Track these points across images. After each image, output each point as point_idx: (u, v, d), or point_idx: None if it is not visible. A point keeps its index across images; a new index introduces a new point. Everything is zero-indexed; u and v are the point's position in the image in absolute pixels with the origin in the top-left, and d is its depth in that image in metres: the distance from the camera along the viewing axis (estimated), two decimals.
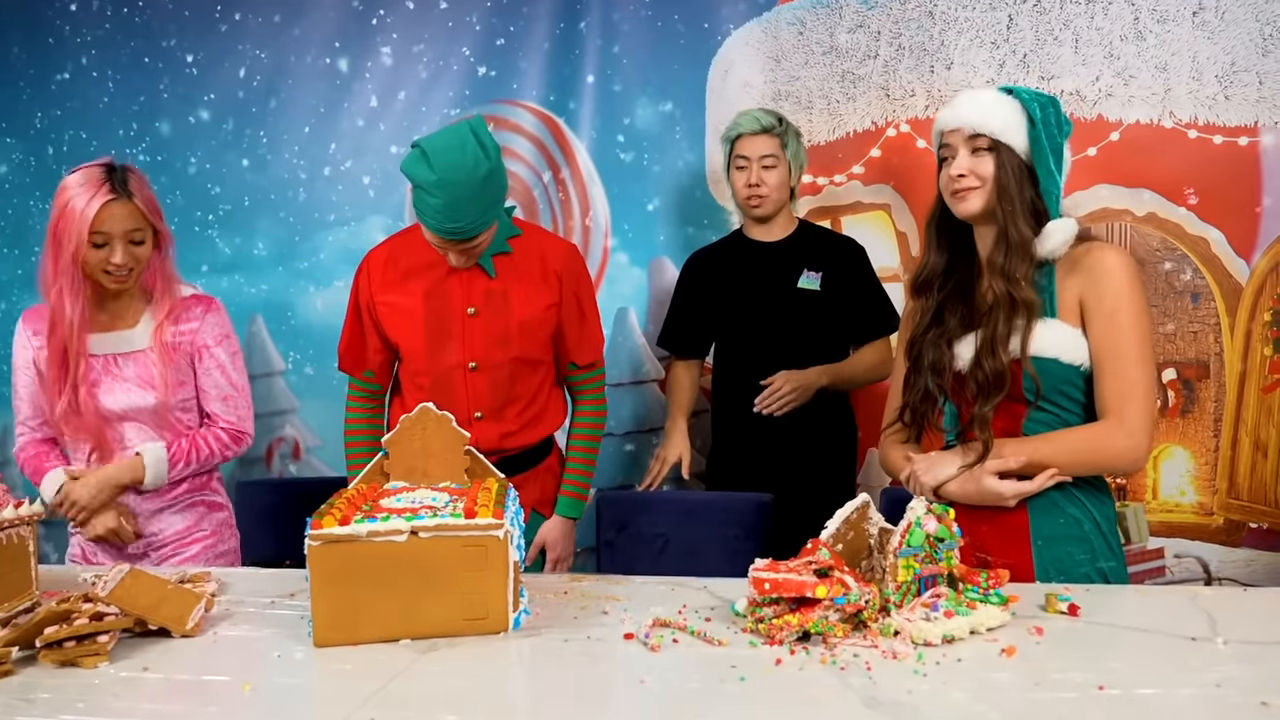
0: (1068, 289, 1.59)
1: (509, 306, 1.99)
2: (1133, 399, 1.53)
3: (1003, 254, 1.59)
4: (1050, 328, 1.58)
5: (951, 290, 1.69)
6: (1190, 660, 1.11)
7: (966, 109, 1.61)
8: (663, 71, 2.87)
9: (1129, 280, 1.55)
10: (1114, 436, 1.53)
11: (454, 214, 1.78)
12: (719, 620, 1.30)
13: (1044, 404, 1.58)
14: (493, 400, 2.02)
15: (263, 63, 3.06)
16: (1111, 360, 1.54)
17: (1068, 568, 1.59)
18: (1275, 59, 2.49)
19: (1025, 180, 1.59)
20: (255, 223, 3.09)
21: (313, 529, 1.24)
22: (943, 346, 1.66)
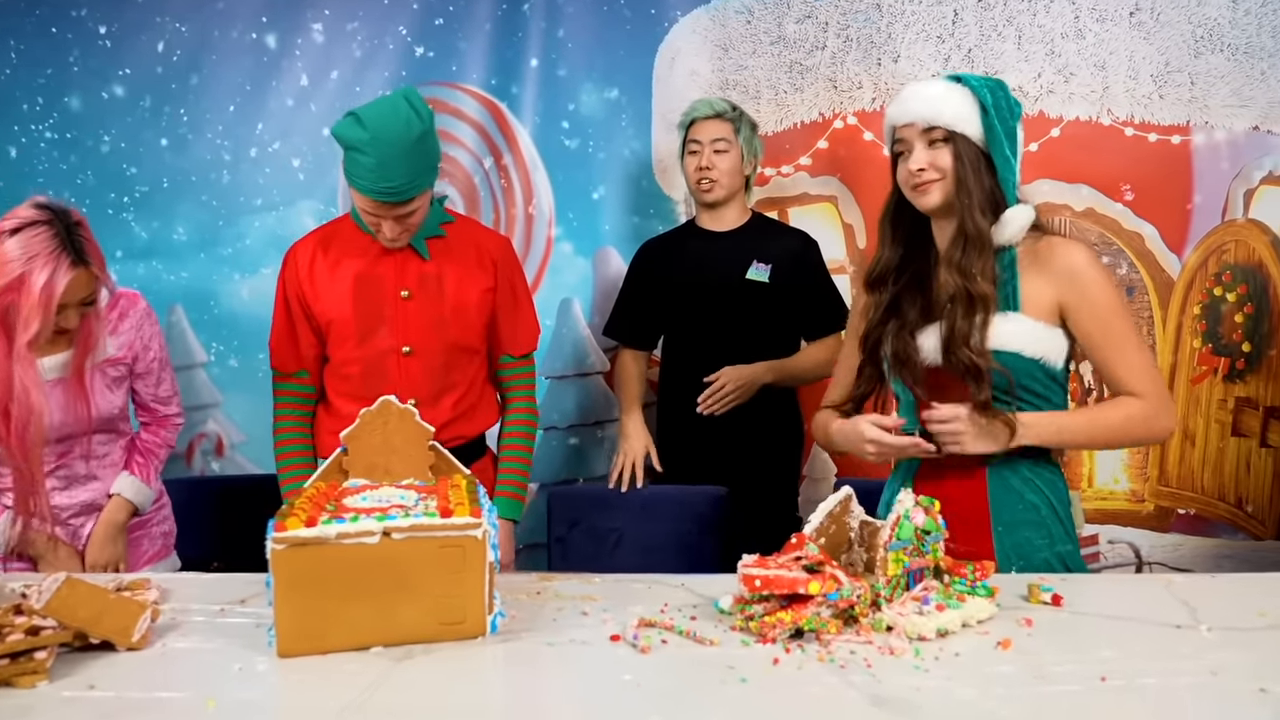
0: (1036, 287, 1.59)
1: (443, 290, 1.95)
2: (1150, 379, 1.59)
3: (960, 248, 1.59)
4: (1011, 321, 1.59)
5: (908, 282, 1.69)
6: (1180, 648, 1.12)
7: (918, 102, 1.60)
8: (608, 57, 2.81)
9: (1102, 272, 1.60)
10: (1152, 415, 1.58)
11: (387, 172, 1.76)
12: (704, 618, 1.26)
13: (1007, 398, 1.58)
14: (428, 387, 1.95)
15: (183, 36, 2.89)
16: (1116, 350, 1.58)
17: (1027, 553, 1.60)
18: (1206, 61, 2.58)
19: (983, 169, 1.59)
20: (175, 206, 2.92)
21: (276, 531, 1.16)
22: (906, 338, 1.65)
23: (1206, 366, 2.65)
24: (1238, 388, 2.64)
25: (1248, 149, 2.58)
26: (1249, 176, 2.59)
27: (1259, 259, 2.61)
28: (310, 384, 2.01)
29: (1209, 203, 2.60)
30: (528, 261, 2.84)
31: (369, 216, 1.85)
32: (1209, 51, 2.56)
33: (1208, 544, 2.68)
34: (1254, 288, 2.61)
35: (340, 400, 1.98)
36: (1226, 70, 2.55)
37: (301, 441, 2.00)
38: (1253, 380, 2.63)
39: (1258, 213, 2.60)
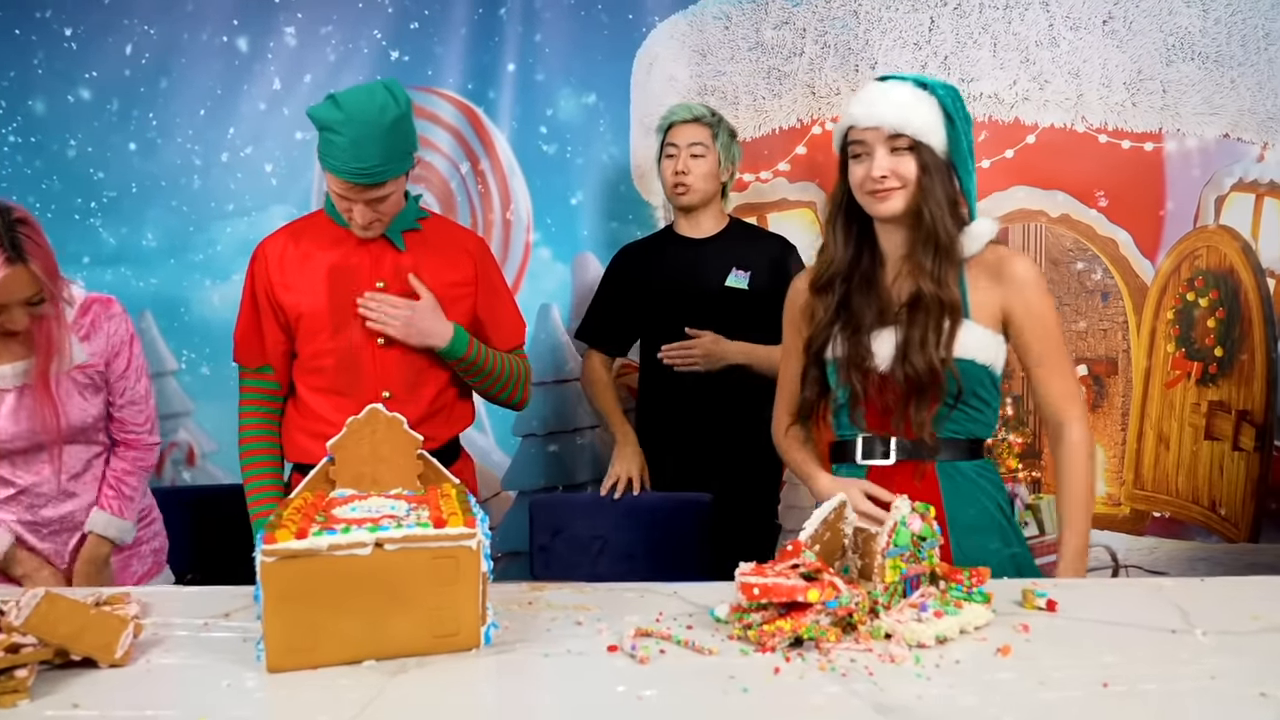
0: (984, 294, 1.62)
1: (420, 281, 1.92)
2: (1077, 399, 1.66)
3: (930, 256, 1.59)
4: (969, 330, 1.61)
5: (858, 284, 1.67)
6: (1178, 653, 1.13)
7: (885, 107, 1.58)
8: (586, 62, 2.80)
9: (1047, 289, 1.67)
10: (1085, 447, 1.64)
11: (360, 153, 1.74)
12: (701, 627, 1.25)
13: (960, 404, 1.61)
14: (403, 380, 1.92)
15: (152, 39, 2.84)
16: (1053, 364, 1.64)
17: (983, 557, 1.60)
18: (1177, 69, 2.62)
19: (946, 180, 1.60)
20: (144, 212, 2.86)
21: (265, 543, 1.13)
22: (861, 341, 1.64)
23: (1180, 371, 2.68)
24: (1210, 391, 2.68)
25: (1218, 156, 2.63)
26: (1220, 183, 2.63)
27: (1230, 264, 2.66)
28: (275, 380, 1.98)
29: (1181, 209, 2.65)
30: (506, 267, 2.82)
31: (341, 201, 1.84)
32: (1180, 60, 2.60)
33: (1182, 547, 2.71)
34: (1225, 293, 2.66)
35: (312, 396, 1.94)
36: (1197, 78, 2.60)
37: (265, 440, 1.97)
38: (1225, 384, 2.68)
39: (1228, 219, 2.65)
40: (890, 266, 1.66)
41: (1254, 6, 2.58)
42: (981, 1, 2.64)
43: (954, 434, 1.64)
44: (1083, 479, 1.63)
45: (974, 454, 1.66)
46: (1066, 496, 1.63)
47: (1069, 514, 1.62)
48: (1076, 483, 1.63)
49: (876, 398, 1.64)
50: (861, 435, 1.67)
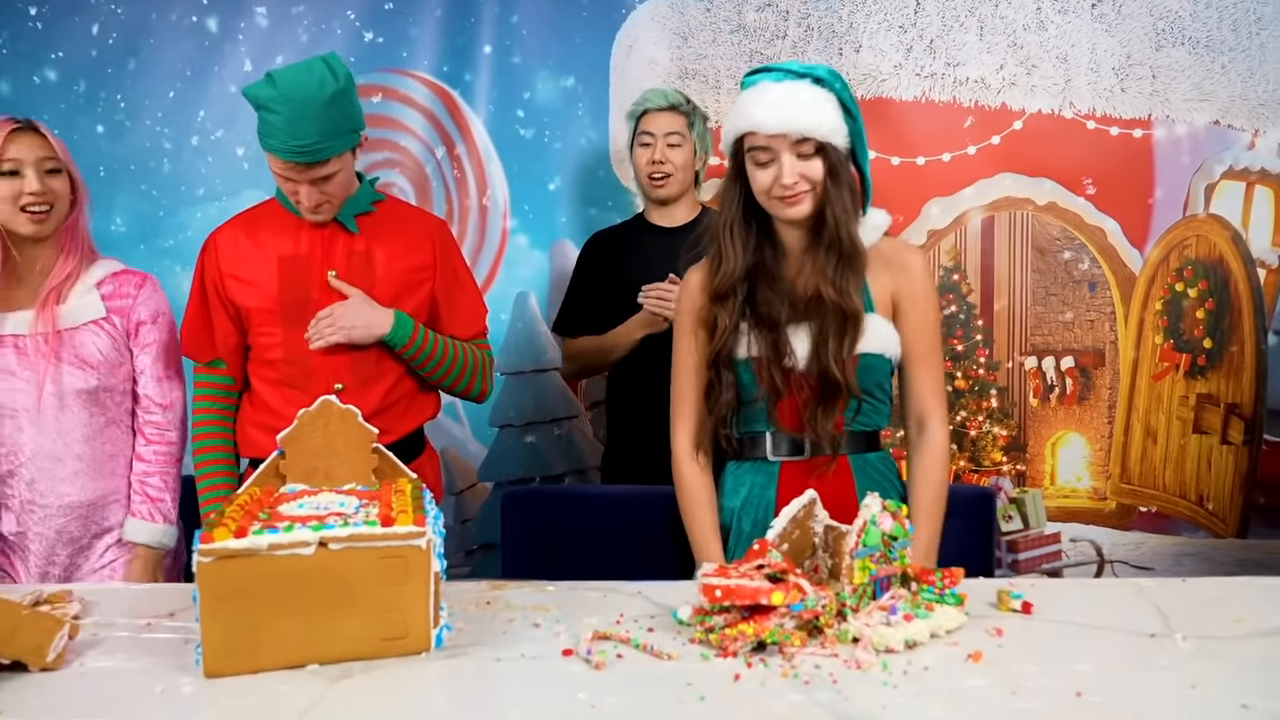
0: (880, 284, 1.61)
1: (373, 267, 1.87)
2: (943, 398, 1.65)
3: (834, 263, 1.56)
4: (873, 323, 1.59)
5: (762, 280, 1.61)
6: (1157, 660, 1.09)
7: (790, 112, 1.50)
8: (564, 45, 2.73)
9: (932, 283, 1.67)
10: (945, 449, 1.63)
11: (298, 130, 1.70)
12: (662, 630, 1.20)
13: (866, 398, 1.60)
14: (356, 371, 1.85)
15: (119, 19, 2.77)
16: (927, 358, 1.63)
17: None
18: (1167, 54, 2.57)
19: (850, 177, 1.57)
20: (113, 196, 2.79)
21: (202, 542, 1.08)
22: (779, 338, 1.58)
23: (1168, 363, 2.64)
24: (1199, 384, 2.64)
25: (1208, 143, 2.58)
26: (1210, 171, 2.59)
27: (1219, 254, 2.61)
28: (228, 374, 1.92)
29: (1170, 197, 2.60)
30: (482, 254, 2.76)
31: (286, 184, 1.78)
32: (1170, 45, 2.55)
33: (1169, 542, 2.67)
34: (1214, 283, 2.61)
35: (265, 388, 1.88)
36: (1188, 64, 2.55)
37: (219, 435, 1.91)
38: (1214, 377, 2.63)
39: (1218, 208, 2.60)
40: (792, 261, 1.63)
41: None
42: None
43: (863, 426, 1.62)
44: (939, 477, 1.61)
45: (875, 446, 1.66)
46: (921, 494, 1.60)
47: (923, 511, 1.57)
48: (933, 480, 1.60)
49: (792, 395, 1.60)
50: (771, 431, 1.63)
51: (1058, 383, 2.66)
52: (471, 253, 2.75)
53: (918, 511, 1.57)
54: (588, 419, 2.81)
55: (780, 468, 1.63)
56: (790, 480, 1.61)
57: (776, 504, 1.60)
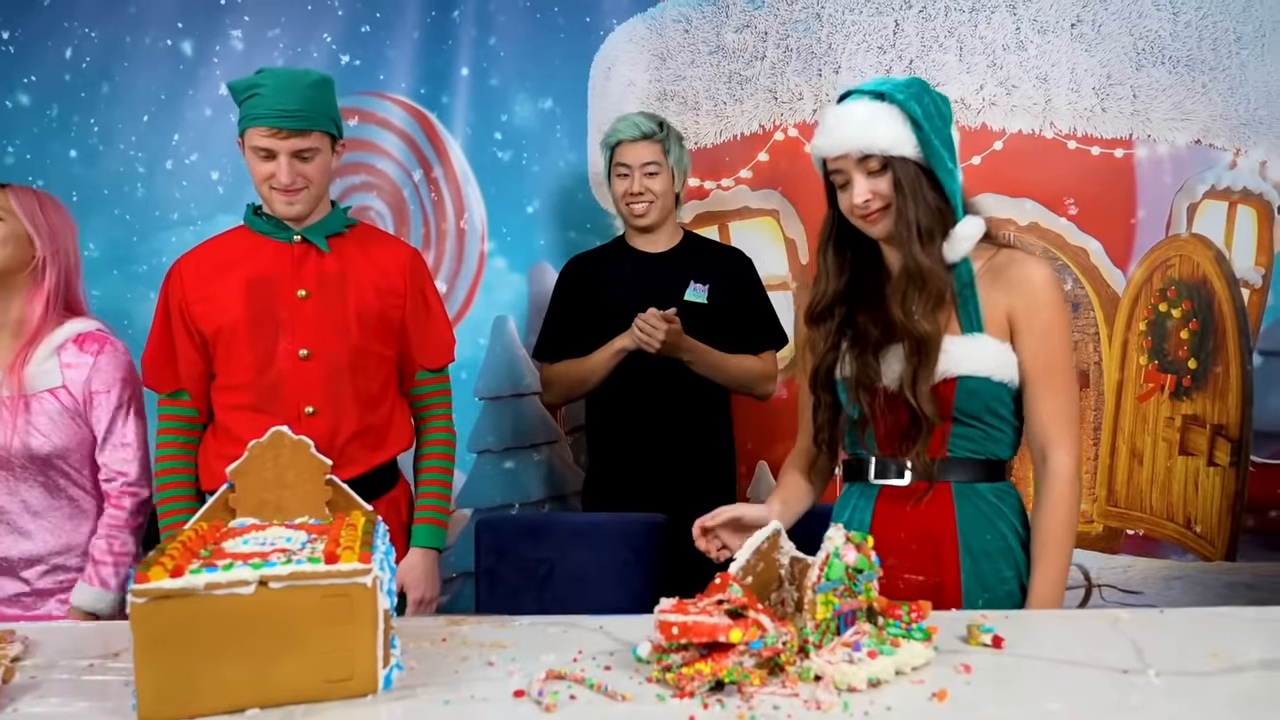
0: (993, 301, 1.53)
1: (345, 289, 1.85)
2: (1069, 425, 1.52)
3: (904, 286, 1.52)
4: (979, 344, 1.52)
5: (861, 303, 1.60)
6: (1129, 698, 1.05)
7: (847, 131, 1.50)
8: (542, 66, 2.72)
9: (1059, 296, 1.54)
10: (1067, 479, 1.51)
11: (283, 97, 1.75)
12: (620, 668, 1.16)
13: (973, 422, 1.53)
14: (327, 395, 1.83)
15: (93, 42, 2.75)
16: (1048, 380, 1.52)
17: (994, 585, 1.54)
18: (1148, 74, 2.56)
19: (924, 189, 1.51)
20: (86, 220, 2.72)
21: (137, 582, 1.04)
22: (868, 359, 1.56)
23: (1153, 384, 2.61)
24: (1184, 405, 2.61)
25: (1190, 163, 2.57)
26: (1192, 191, 2.57)
27: (1203, 274, 2.59)
28: (191, 407, 1.89)
29: (1153, 217, 2.58)
30: (459, 278, 2.74)
31: (265, 163, 1.78)
32: (1150, 64, 2.54)
33: (1157, 565, 2.64)
34: (1199, 304, 2.59)
35: (231, 416, 1.85)
36: (1168, 83, 2.54)
37: (183, 471, 1.88)
38: (1199, 398, 2.61)
39: (1201, 227, 2.58)
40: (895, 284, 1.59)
41: (1225, 9, 2.52)
42: (947, 4, 2.58)
43: (971, 454, 1.55)
44: (1059, 513, 1.51)
45: (992, 475, 1.56)
46: (1039, 531, 1.52)
47: (1039, 551, 1.51)
48: (1051, 516, 1.51)
49: (886, 417, 1.56)
50: (874, 455, 1.60)
51: None
52: (449, 276, 2.73)
53: (1035, 550, 1.52)
54: (568, 444, 2.77)
55: (879, 491, 1.59)
56: (888, 505, 1.58)
57: (871, 527, 1.57)
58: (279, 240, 1.85)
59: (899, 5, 2.59)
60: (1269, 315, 2.61)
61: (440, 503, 1.96)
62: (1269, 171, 2.58)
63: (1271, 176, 2.58)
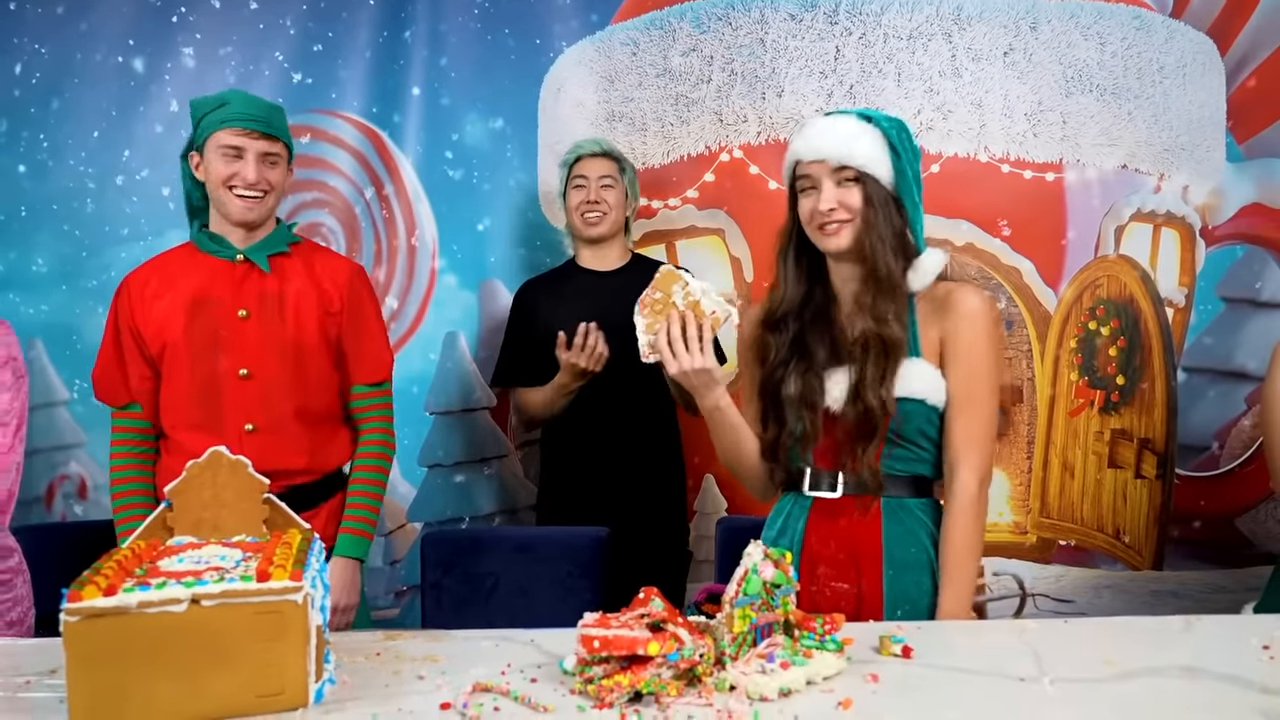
0: (928, 329, 1.58)
1: (284, 310, 1.88)
2: (979, 448, 1.57)
3: (871, 293, 1.56)
4: (916, 367, 1.57)
5: (811, 321, 1.65)
6: (1021, 704, 1.10)
7: (829, 139, 1.55)
8: (493, 87, 2.77)
9: (990, 325, 1.57)
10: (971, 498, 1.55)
11: (252, 107, 1.86)
12: (546, 680, 1.20)
13: (904, 443, 1.58)
14: (267, 413, 1.87)
15: (43, 59, 2.76)
16: (967, 403, 1.56)
17: (914, 596, 1.59)
18: (1076, 101, 2.65)
19: (893, 212, 1.57)
20: (34, 236, 2.77)
21: (70, 601, 1.06)
22: (812, 380, 1.61)
23: (1083, 399, 2.70)
24: (1113, 420, 2.70)
25: (1117, 187, 2.66)
26: (1119, 213, 2.66)
27: (1130, 294, 2.68)
28: (144, 418, 1.91)
29: (1082, 238, 2.67)
30: (410, 295, 2.77)
31: (231, 163, 1.84)
32: (1079, 92, 2.63)
33: (1088, 575, 2.72)
34: (1126, 322, 2.68)
35: (179, 433, 1.88)
36: (1096, 110, 2.63)
37: (139, 481, 1.90)
38: (1127, 413, 2.70)
39: (1128, 248, 2.68)
40: (843, 303, 1.64)
41: (1148, 41, 2.62)
42: (886, 32, 2.65)
43: (901, 472, 1.60)
44: (963, 531, 1.55)
45: (919, 492, 1.62)
46: (945, 549, 1.57)
47: (946, 568, 1.55)
48: (956, 534, 1.55)
49: (827, 434, 1.61)
50: (810, 468, 1.65)
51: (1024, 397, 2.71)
52: (400, 293, 2.76)
53: (942, 566, 1.56)
54: (518, 459, 2.81)
55: (813, 503, 1.63)
56: (820, 515, 1.62)
57: (804, 537, 1.61)
58: (223, 259, 1.88)
59: (840, 32, 2.67)
60: (1192, 333, 2.71)
61: (365, 514, 1.97)
62: (1191, 195, 2.68)
63: (1194, 200, 2.68)
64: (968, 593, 1.56)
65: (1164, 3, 2.65)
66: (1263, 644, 1.27)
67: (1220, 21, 2.64)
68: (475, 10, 2.75)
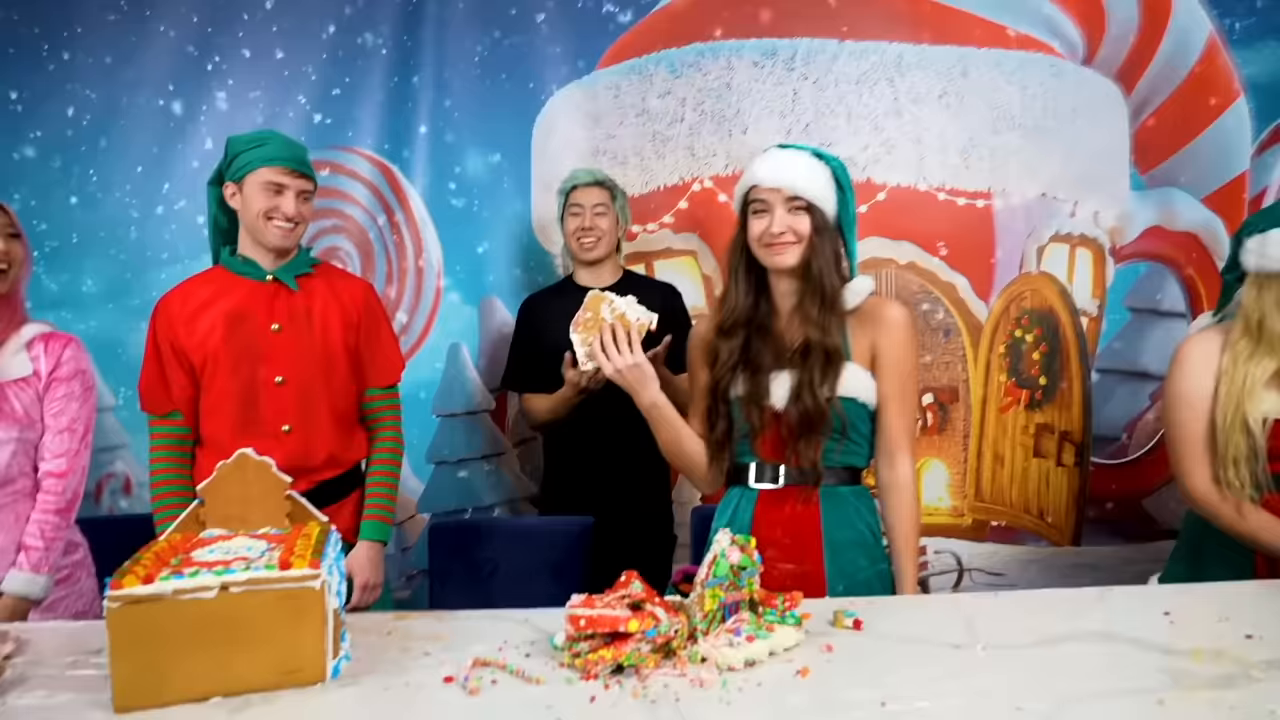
0: (859, 338, 1.60)
1: (312, 323, 1.88)
2: (910, 438, 1.62)
3: (816, 306, 1.57)
4: (850, 371, 1.58)
5: (756, 330, 1.65)
6: (956, 669, 1.11)
7: (788, 173, 1.56)
8: (491, 125, 2.75)
9: (912, 333, 1.62)
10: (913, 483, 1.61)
11: (292, 148, 1.86)
12: (538, 655, 1.19)
13: (843, 438, 1.59)
14: (301, 415, 1.86)
15: (92, 102, 2.72)
16: (900, 401, 1.60)
17: (852, 572, 1.59)
18: (1002, 137, 2.66)
19: (835, 239, 1.59)
20: (83, 260, 2.74)
21: (112, 589, 1.05)
22: (761, 381, 1.61)
23: (1011, 398, 2.71)
24: (1038, 415, 2.72)
25: (1038, 212, 2.67)
26: (1040, 235, 2.68)
27: (1050, 305, 2.70)
28: (185, 425, 1.88)
29: (1009, 257, 2.68)
30: (418, 310, 2.75)
31: (271, 198, 1.82)
32: (1005, 129, 2.64)
33: (1017, 551, 2.73)
34: (1047, 330, 2.69)
35: (218, 434, 1.85)
36: (1019, 146, 2.64)
37: (179, 483, 1.86)
38: (1049, 409, 2.71)
39: (1048, 266, 2.69)
40: (782, 314, 1.64)
41: (1063, 85, 2.64)
42: (837, 78, 2.66)
43: (836, 464, 1.61)
44: (913, 509, 1.60)
45: (852, 480, 1.64)
46: (895, 525, 1.60)
47: (902, 542, 1.58)
48: (908, 513, 1.59)
49: (771, 431, 1.61)
50: (755, 462, 1.65)
51: (920, 416, 2.72)
52: (409, 309, 2.74)
53: (896, 542, 1.59)
54: (515, 455, 2.80)
55: (758, 494, 1.63)
56: (766, 505, 1.62)
57: (751, 525, 1.61)
58: (254, 280, 1.87)
59: (797, 78, 2.67)
60: (1104, 339, 2.73)
61: (385, 502, 1.97)
62: (1101, 220, 2.69)
63: (1103, 224, 2.70)
64: (916, 566, 1.58)
65: (1076, 52, 2.67)
66: (1164, 610, 1.28)
67: (1124, 69, 2.67)
68: (475, 58, 2.73)
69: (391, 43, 2.71)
